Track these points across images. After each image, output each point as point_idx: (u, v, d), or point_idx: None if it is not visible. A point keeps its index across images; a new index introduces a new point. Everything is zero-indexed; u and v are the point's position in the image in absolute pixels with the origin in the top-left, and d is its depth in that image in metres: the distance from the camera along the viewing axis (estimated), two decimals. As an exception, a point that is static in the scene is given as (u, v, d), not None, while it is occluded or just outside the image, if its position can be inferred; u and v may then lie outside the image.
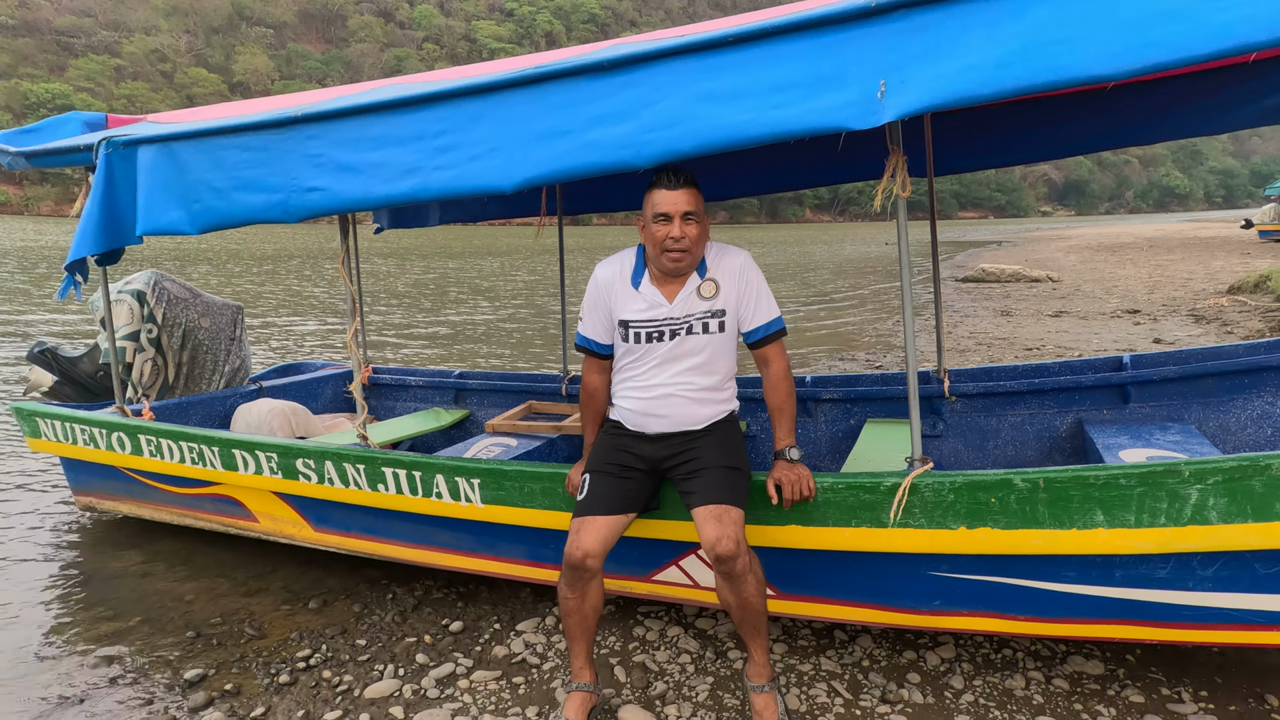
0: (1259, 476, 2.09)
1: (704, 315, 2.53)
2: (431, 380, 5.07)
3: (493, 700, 2.68)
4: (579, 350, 2.70)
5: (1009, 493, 2.28)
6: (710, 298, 2.53)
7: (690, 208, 2.43)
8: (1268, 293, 12.75)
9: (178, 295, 4.73)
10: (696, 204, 2.45)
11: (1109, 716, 2.47)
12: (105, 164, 3.31)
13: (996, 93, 1.94)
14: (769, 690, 2.39)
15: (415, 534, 3.33)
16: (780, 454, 2.52)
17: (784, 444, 2.53)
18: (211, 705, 2.71)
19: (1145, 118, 3.32)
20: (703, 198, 2.51)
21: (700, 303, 2.53)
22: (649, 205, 2.48)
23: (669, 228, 2.43)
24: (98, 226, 3.32)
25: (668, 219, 2.43)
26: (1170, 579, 2.32)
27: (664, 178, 2.45)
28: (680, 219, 2.42)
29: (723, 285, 2.53)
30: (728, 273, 2.54)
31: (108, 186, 3.31)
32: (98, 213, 3.31)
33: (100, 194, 3.32)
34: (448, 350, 10.52)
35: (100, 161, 3.32)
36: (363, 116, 2.79)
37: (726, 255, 2.57)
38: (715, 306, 2.53)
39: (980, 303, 14.18)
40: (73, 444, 4.14)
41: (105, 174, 3.31)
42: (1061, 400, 3.74)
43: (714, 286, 2.54)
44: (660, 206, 2.43)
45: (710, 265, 2.55)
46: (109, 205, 3.32)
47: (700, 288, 2.53)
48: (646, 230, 2.51)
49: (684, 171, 2.45)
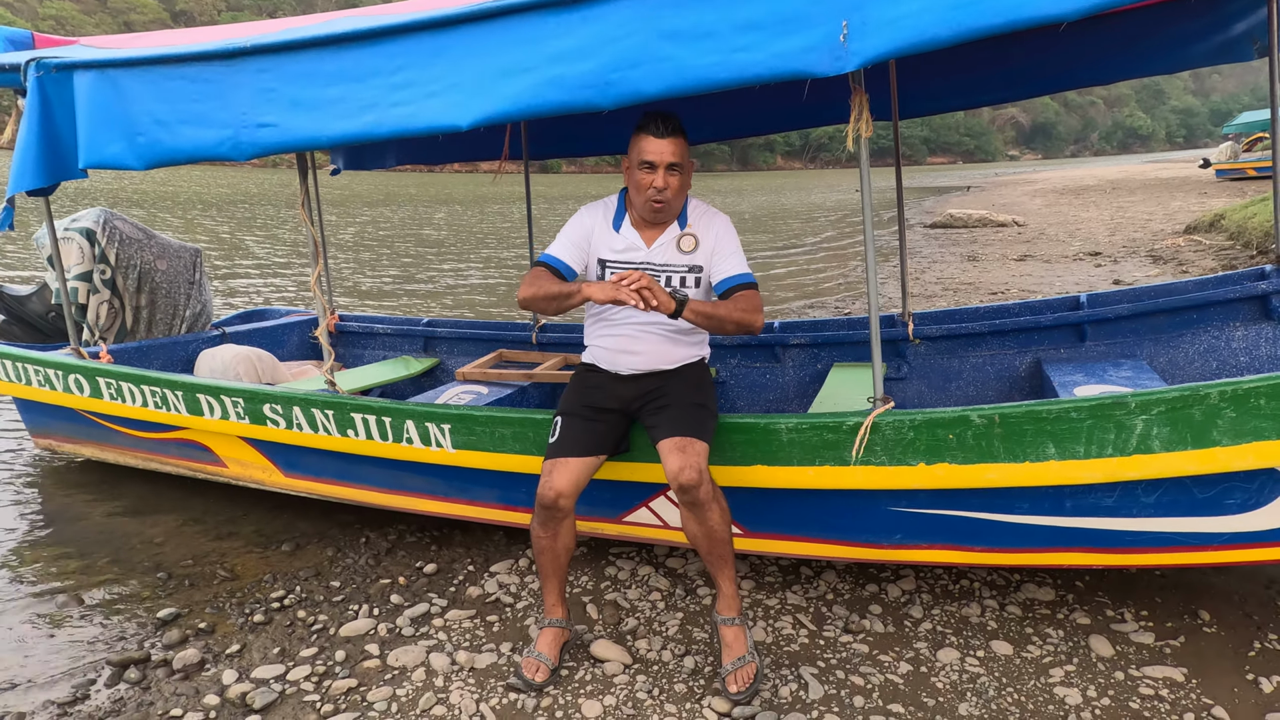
0: (1198, 405, 2.18)
1: (682, 270, 2.60)
2: (400, 328, 5.04)
3: (467, 637, 2.74)
4: (539, 265, 2.58)
5: (966, 429, 2.35)
6: (689, 252, 2.59)
7: (676, 159, 2.45)
8: (1221, 231, 13.00)
9: (130, 235, 4.59)
10: (682, 154, 2.47)
11: (1057, 638, 2.61)
12: (38, 87, 3.15)
13: (954, 35, 1.97)
14: (738, 623, 2.48)
15: (387, 479, 3.35)
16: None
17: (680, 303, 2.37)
18: (186, 642, 2.74)
19: (1104, 55, 3.38)
20: (688, 146, 2.51)
21: (680, 256, 2.58)
22: (635, 149, 2.48)
23: (653, 176, 2.45)
24: (37, 158, 3.17)
25: (652, 168, 2.45)
26: (1116, 507, 2.44)
27: (652, 124, 2.44)
28: (665, 170, 2.45)
29: (701, 241, 2.59)
30: (706, 230, 2.61)
31: (43, 113, 3.16)
32: (35, 142, 3.16)
33: (35, 122, 3.16)
34: (410, 303, 10.41)
35: (31, 85, 3.16)
36: (317, 49, 2.70)
37: (709, 215, 2.64)
38: (693, 262, 2.59)
39: (948, 248, 14.30)
40: (27, 385, 4.06)
41: (39, 99, 3.15)
42: (1021, 340, 3.83)
43: (693, 241, 2.59)
44: (646, 154, 2.44)
45: (691, 219, 2.60)
46: (47, 134, 3.17)
47: (680, 241, 2.57)
48: (630, 174, 2.53)
49: (673, 118, 2.45)
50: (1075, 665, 2.47)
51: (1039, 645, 2.58)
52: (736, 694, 2.34)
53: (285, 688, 2.48)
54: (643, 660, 2.58)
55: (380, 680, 2.52)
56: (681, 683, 2.46)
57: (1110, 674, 2.42)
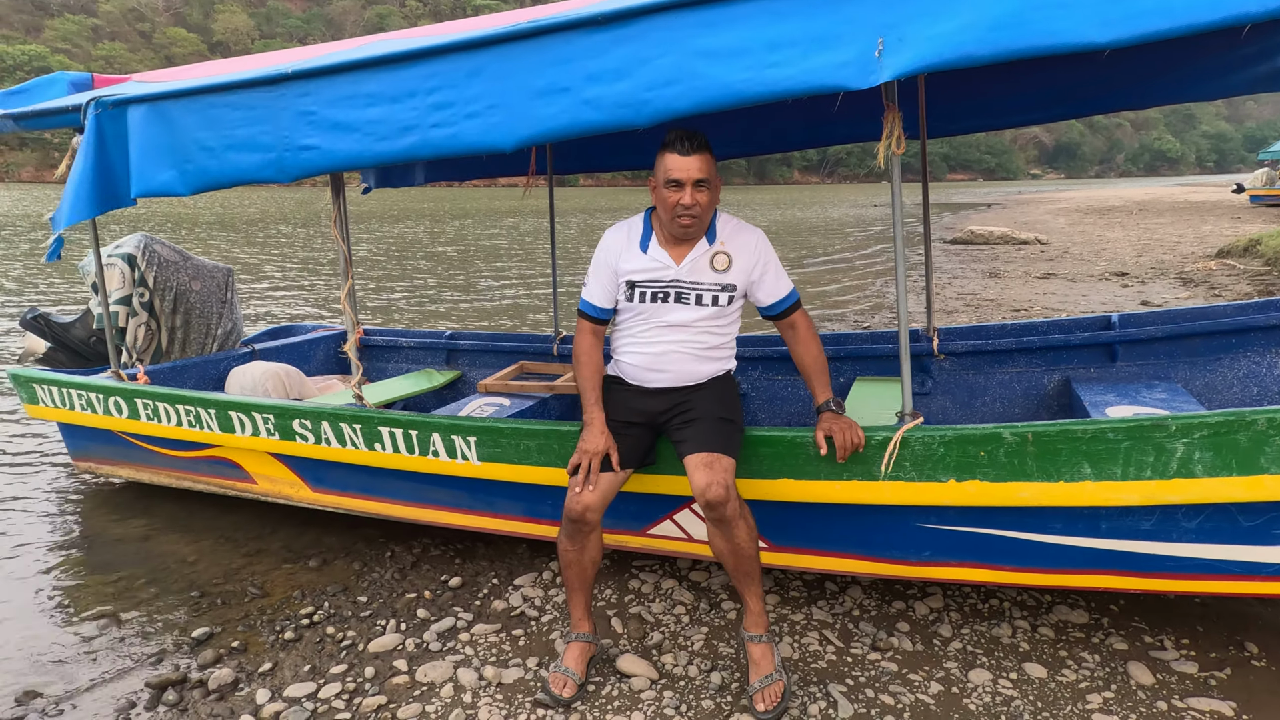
0: (1244, 431, 2.14)
1: (714, 288, 2.56)
2: (423, 341, 5.08)
3: (494, 652, 2.74)
4: (579, 314, 2.71)
5: (998, 446, 2.33)
6: (723, 270, 2.56)
7: (702, 175, 2.43)
8: (1257, 256, 12.84)
9: (168, 258, 4.70)
10: (709, 170, 2.46)
11: (1093, 663, 2.56)
12: (95, 125, 3.26)
13: (991, 54, 1.95)
14: (766, 641, 2.46)
15: (412, 492, 3.37)
16: (824, 407, 2.54)
17: (825, 397, 2.56)
18: (220, 662, 2.76)
19: (1140, 82, 3.32)
20: (715, 162, 2.50)
21: (712, 274, 2.56)
22: (661, 169, 2.48)
23: (680, 194, 2.44)
24: (91, 189, 3.27)
25: (679, 185, 2.43)
26: (1155, 530, 2.39)
27: (677, 142, 2.43)
28: (692, 186, 2.43)
29: (736, 260, 2.56)
30: (741, 249, 2.57)
31: (99, 148, 3.26)
32: (90, 175, 3.26)
33: (91, 156, 3.27)
34: (435, 315, 10.50)
35: (90, 122, 3.27)
36: (355, 73, 2.75)
37: (742, 232, 2.61)
38: (727, 280, 2.56)
39: (968, 264, 14.22)
40: (70, 409, 4.15)
41: (95, 135, 3.27)
42: (1049, 359, 3.78)
43: (727, 260, 2.56)
44: (673, 172, 2.43)
45: (721, 234, 2.58)
46: (101, 167, 3.28)
47: (714, 259, 2.55)
48: (657, 193, 2.51)
49: (698, 135, 2.45)
50: (1114, 692, 2.41)
51: (1074, 669, 2.53)
52: (764, 712, 2.32)
53: (317, 706, 2.49)
54: (669, 675, 2.57)
55: (410, 697, 2.52)
56: (709, 699, 2.44)
57: (1152, 703, 2.36)
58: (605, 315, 2.69)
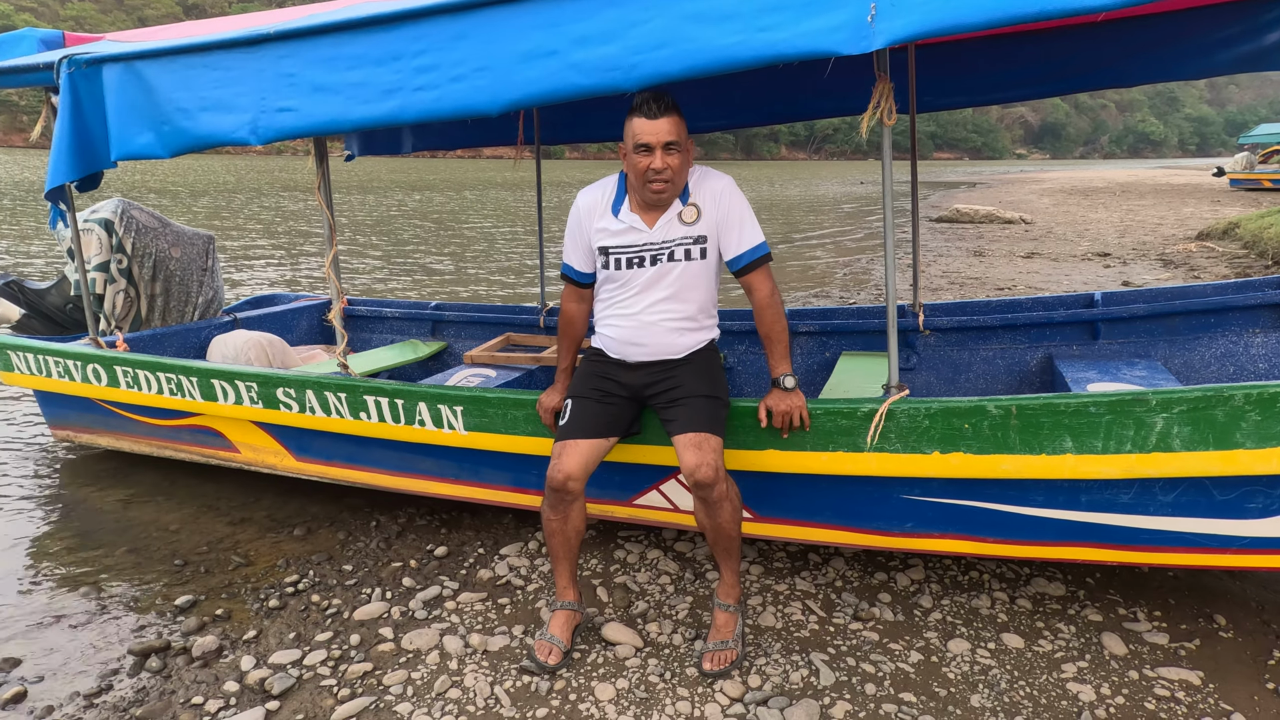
0: (1222, 406, 2.18)
1: (684, 241, 2.50)
2: (408, 312, 5.04)
3: (479, 620, 2.76)
4: (561, 277, 2.70)
5: (982, 419, 2.35)
6: (691, 223, 2.49)
7: (672, 137, 2.37)
8: (1235, 239, 12.96)
9: (146, 224, 4.61)
10: (679, 132, 2.39)
11: (1069, 634, 2.61)
12: (69, 84, 3.19)
13: (986, 20, 1.93)
14: (733, 611, 2.51)
15: (398, 462, 3.36)
16: (775, 382, 2.52)
17: (779, 371, 2.51)
18: (204, 629, 2.76)
19: (1125, 59, 3.33)
20: (685, 123, 2.44)
21: (681, 228, 2.49)
22: (629, 135, 2.42)
23: (650, 158, 2.37)
24: (70, 151, 3.21)
25: (649, 149, 2.37)
26: (1132, 504, 2.43)
27: (644, 105, 2.36)
28: (662, 150, 2.36)
29: (704, 210, 2.49)
30: (709, 197, 2.50)
31: (74, 109, 3.19)
32: (68, 137, 3.20)
33: (68, 117, 3.20)
34: (420, 284, 10.42)
35: (63, 82, 3.19)
36: (338, 34, 2.70)
37: (709, 179, 2.52)
38: (696, 232, 2.49)
39: (953, 243, 14.27)
40: (47, 376, 4.09)
41: (70, 95, 3.19)
42: (1033, 335, 3.82)
43: (695, 211, 2.49)
44: (641, 137, 2.37)
45: (692, 190, 2.51)
46: (79, 128, 3.21)
47: (681, 213, 2.50)
48: (628, 159, 2.45)
49: (665, 97, 2.38)
50: (1088, 662, 2.47)
51: (1050, 640, 2.58)
52: (708, 671, 2.39)
53: (302, 673, 2.50)
54: (654, 644, 2.59)
55: (395, 664, 2.53)
56: (693, 666, 2.47)
57: (1124, 672, 2.41)
58: (587, 279, 2.66)
